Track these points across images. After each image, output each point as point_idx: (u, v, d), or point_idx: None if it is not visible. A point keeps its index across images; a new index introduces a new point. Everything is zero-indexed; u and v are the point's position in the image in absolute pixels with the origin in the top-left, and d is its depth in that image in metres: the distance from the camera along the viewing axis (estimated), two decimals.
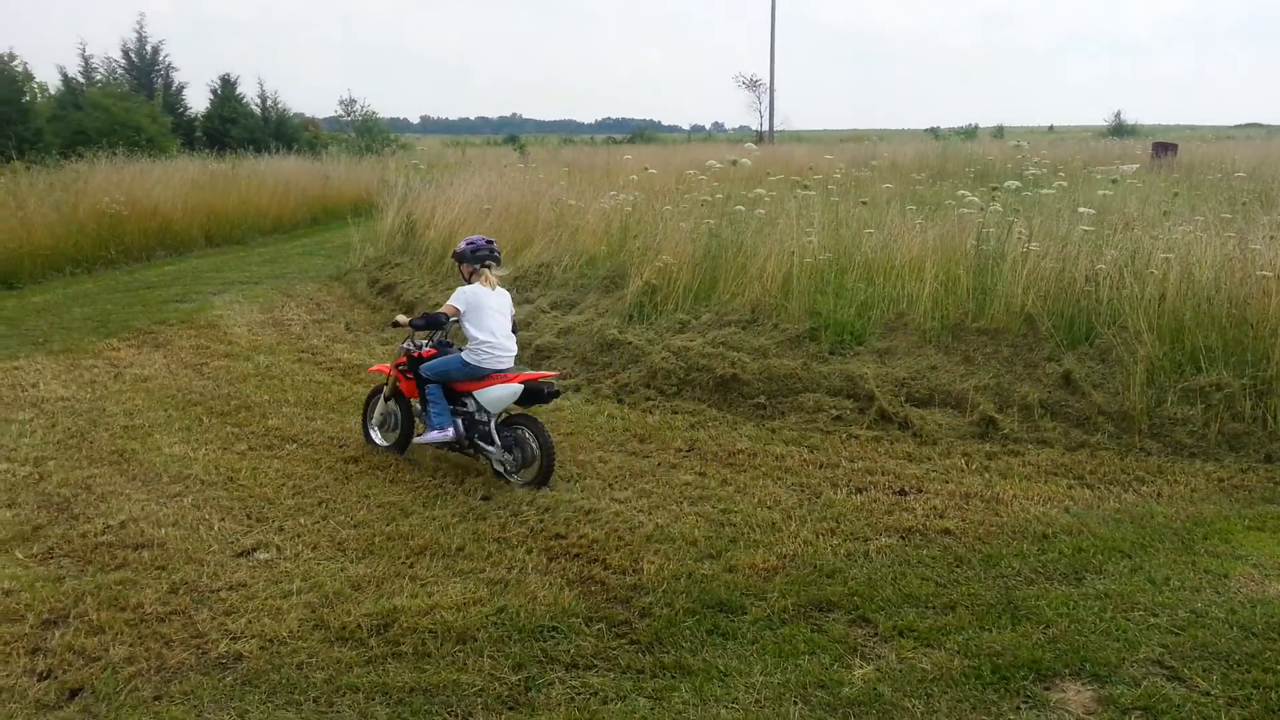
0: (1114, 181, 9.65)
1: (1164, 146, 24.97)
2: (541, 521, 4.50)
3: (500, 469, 5.08)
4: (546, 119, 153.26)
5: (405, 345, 5.54)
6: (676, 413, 6.17)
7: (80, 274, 12.48)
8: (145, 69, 37.36)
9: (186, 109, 35.69)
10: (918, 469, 5.17)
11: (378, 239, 13.09)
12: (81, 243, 12.66)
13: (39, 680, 3.24)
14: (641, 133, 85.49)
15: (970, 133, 65.68)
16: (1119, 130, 61.79)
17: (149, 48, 37.76)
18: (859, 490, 4.86)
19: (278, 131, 34.07)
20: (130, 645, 3.43)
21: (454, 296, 5.30)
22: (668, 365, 6.49)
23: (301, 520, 4.56)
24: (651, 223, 8.72)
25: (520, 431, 5.06)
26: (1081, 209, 7.23)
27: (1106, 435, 5.41)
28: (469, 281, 5.39)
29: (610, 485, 4.98)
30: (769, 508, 4.63)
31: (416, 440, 5.46)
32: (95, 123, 26.92)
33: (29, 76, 27.68)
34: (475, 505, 4.74)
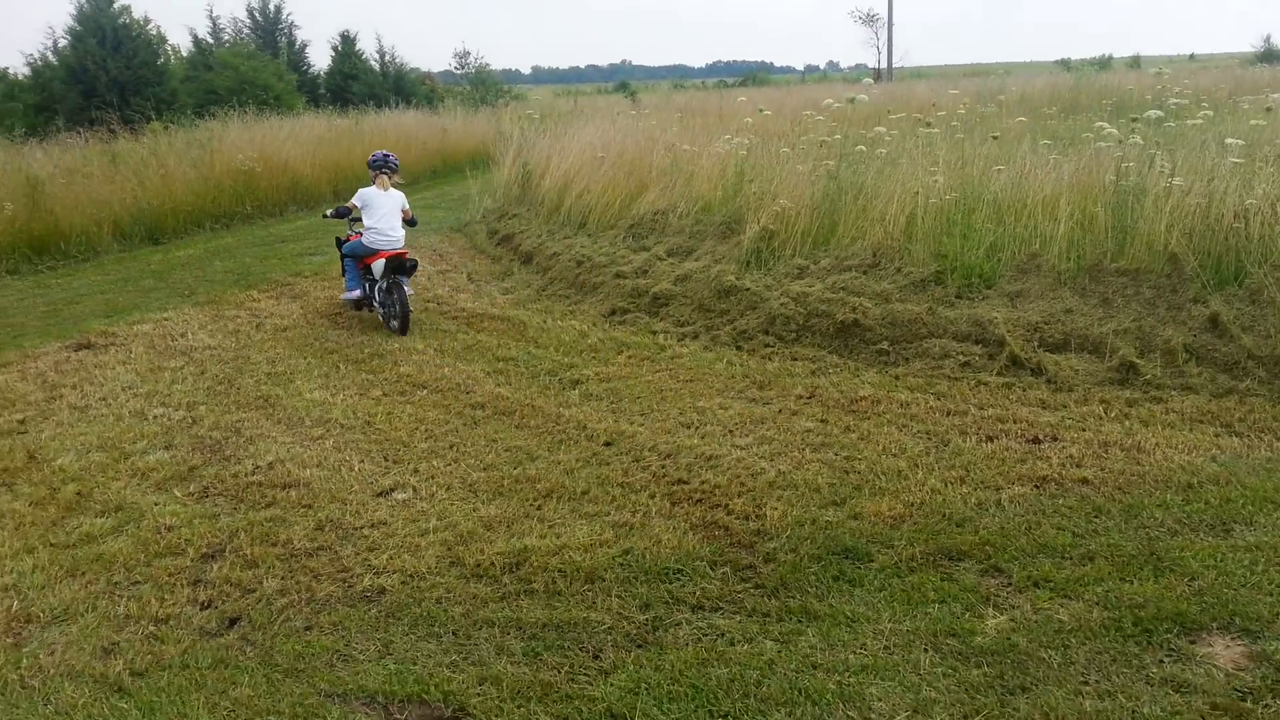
0: (1268, 110, 8.98)
1: None
2: (664, 467, 4.55)
3: (383, 319, 7.41)
4: (656, 65, 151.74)
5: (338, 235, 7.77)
6: (796, 359, 6.10)
7: (219, 229, 13.12)
8: (269, 28, 38.57)
9: (309, 66, 36.74)
10: (1052, 416, 4.99)
11: (495, 190, 13.29)
12: (219, 199, 13.27)
13: (201, 609, 3.48)
14: (754, 75, 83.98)
15: (1104, 63, 62.02)
16: (1269, 56, 57.23)
17: (272, 6, 38.99)
18: (989, 438, 4.73)
19: (396, 86, 34.78)
20: (282, 578, 3.65)
21: (355, 195, 7.56)
22: (786, 311, 6.41)
23: (434, 463, 4.73)
24: (767, 167, 8.58)
25: (393, 294, 7.20)
26: (1229, 140, 6.76)
27: (1256, 381, 5.11)
28: (372, 184, 7.53)
29: (731, 432, 4.98)
30: (894, 455, 4.56)
31: (341, 298, 7.92)
32: (225, 82, 27.98)
33: (162, 39, 28.97)
34: (598, 451, 4.82)
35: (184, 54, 32.86)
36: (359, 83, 34.32)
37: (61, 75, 24.33)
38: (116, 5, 26.20)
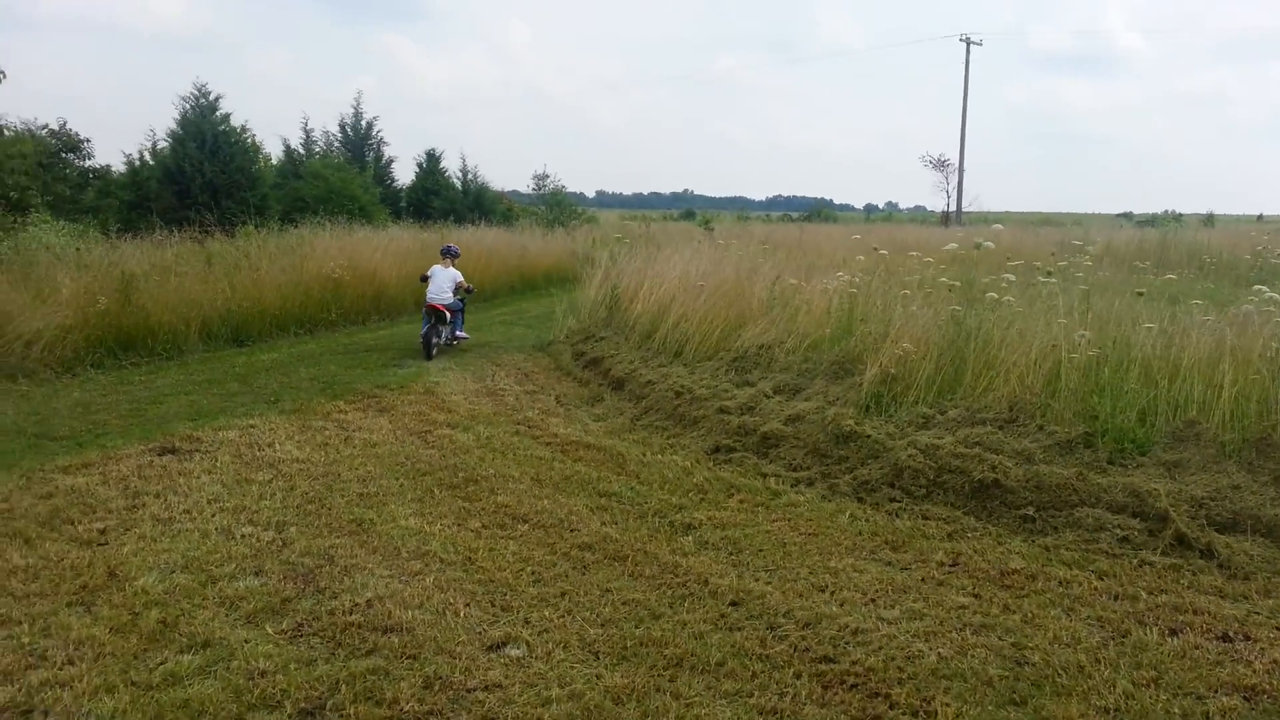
0: None
1: None
2: (804, 639, 4.06)
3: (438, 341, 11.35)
4: (717, 195, 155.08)
5: None
6: (928, 519, 5.60)
7: (303, 335, 13.09)
8: (359, 142, 40.13)
9: (393, 180, 37.99)
10: (1236, 609, 4.41)
11: (579, 310, 13.14)
12: (306, 305, 13.29)
13: None
14: (818, 210, 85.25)
15: (1176, 219, 61.75)
16: None
17: (364, 123, 40.63)
18: (1173, 632, 4.17)
19: (476, 203, 35.66)
20: None
21: (429, 268, 11.99)
22: (915, 464, 5.95)
23: (546, 613, 4.28)
24: (880, 306, 8.25)
25: (432, 332, 11.30)
26: None
27: None
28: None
29: (873, 601, 4.48)
30: (1068, 646, 4.01)
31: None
32: (314, 191, 28.90)
33: (257, 147, 30.17)
34: (725, 612, 4.34)
35: (274, 161, 34.23)
36: (440, 198, 35.28)
37: (158, 175, 25.26)
38: (219, 113, 27.43)
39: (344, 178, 30.37)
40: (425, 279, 11.86)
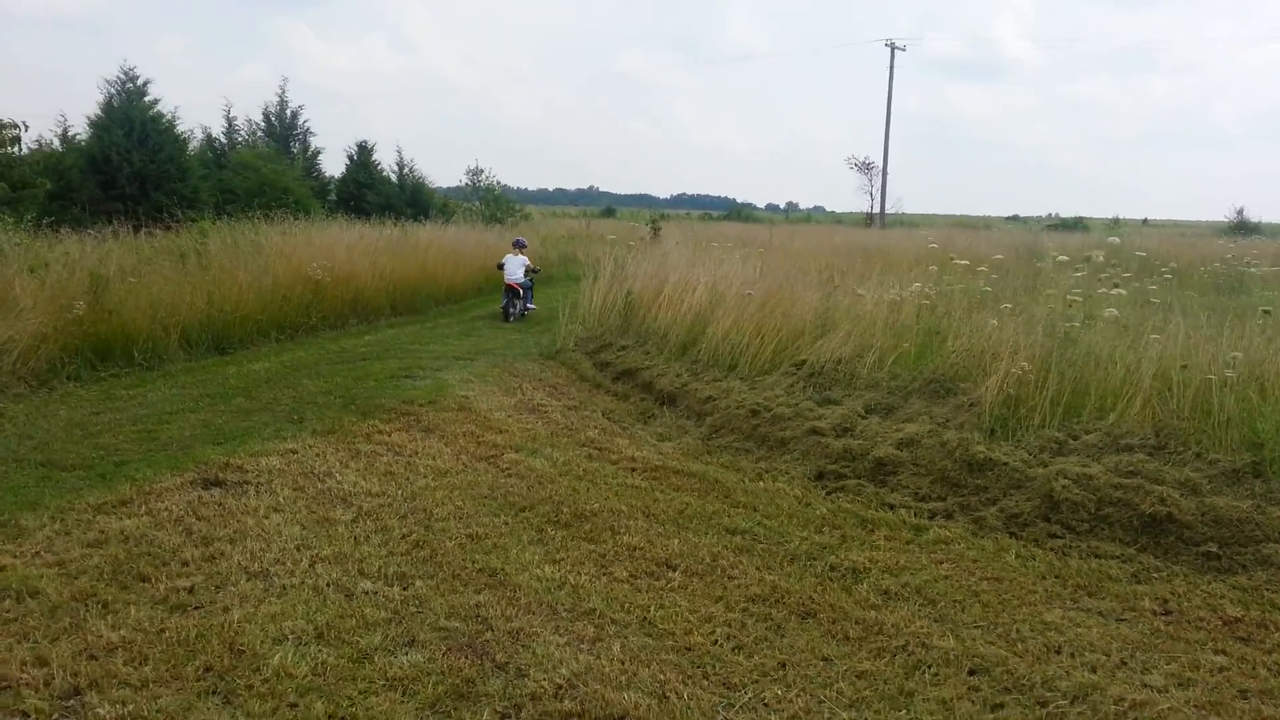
0: None
1: None
2: (1084, 716, 3.58)
3: (503, 313, 14.82)
4: (622, 192, 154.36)
5: None
6: (1099, 556, 5.20)
7: (284, 340, 12.11)
8: (284, 133, 38.40)
9: (320, 172, 36.40)
10: None
11: (583, 317, 12.50)
12: (286, 308, 12.31)
13: None
14: (738, 210, 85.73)
15: (1115, 224, 63.49)
16: (1241, 227, 59.33)
17: (289, 112, 38.90)
18: None
19: (413, 199, 34.41)
20: None
21: (503, 257, 15.58)
22: (1071, 496, 5.55)
23: (777, 691, 3.71)
24: (958, 318, 7.88)
25: (511, 304, 14.90)
26: None
27: None
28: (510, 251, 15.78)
29: (1123, 663, 4.02)
30: None
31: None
32: (245, 183, 27.41)
33: (188, 136, 28.42)
34: (973, 684, 3.84)
35: (192, 150, 32.36)
36: (374, 192, 33.87)
37: (80, 165, 23.46)
38: (146, 99, 25.69)
39: (276, 170, 28.94)
40: (501, 266, 15.55)
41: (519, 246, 15.99)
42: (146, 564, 4.78)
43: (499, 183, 42.23)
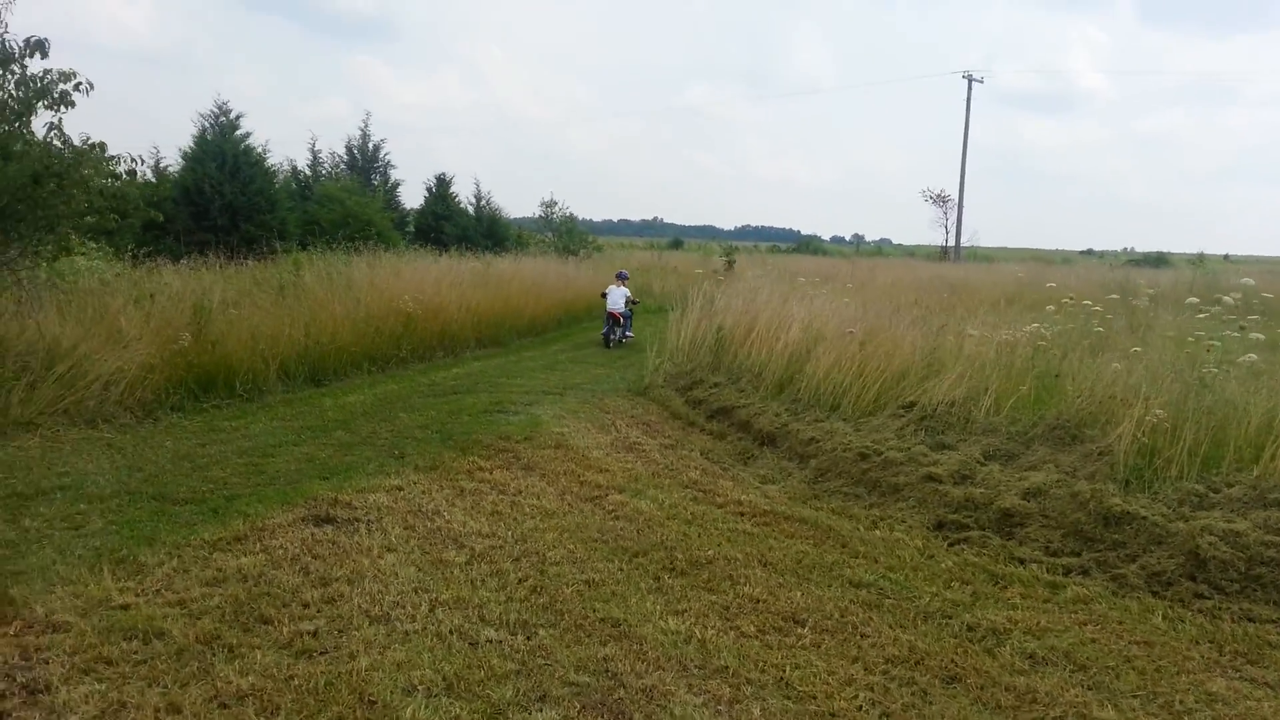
0: None
1: None
2: None
3: (604, 340, 15.82)
4: (686, 223, 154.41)
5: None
6: (1253, 620, 4.87)
7: (375, 373, 12.21)
8: (366, 166, 39.30)
9: (400, 204, 37.12)
10: None
11: (671, 352, 12.39)
12: (378, 341, 12.42)
13: None
14: (806, 244, 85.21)
15: (1199, 260, 61.72)
16: None
17: (370, 145, 39.83)
18: None
19: (490, 230, 34.81)
20: None
21: (607, 288, 16.62)
22: (1219, 554, 5.21)
23: None
24: (1077, 361, 7.57)
25: (612, 332, 15.86)
26: None
27: None
28: (614, 281, 16.89)
29: None
30: None
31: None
32: (330, 215, 28.01)
33: (277, 169, 29.19)
34: None
35: (277, 182, 33.21)
36: (452, 224, 34.32)
37: (174, 195, 24.18)
38: (238, 133, 26.46)
39: (360, 202, 29.50)
40: (604, 295, 16.53)
41: (621, 279, 17.00)
42: (267, 605, 4.74)
43: (571, 214, 42.50)
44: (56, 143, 9.23)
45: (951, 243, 58.74)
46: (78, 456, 7.55)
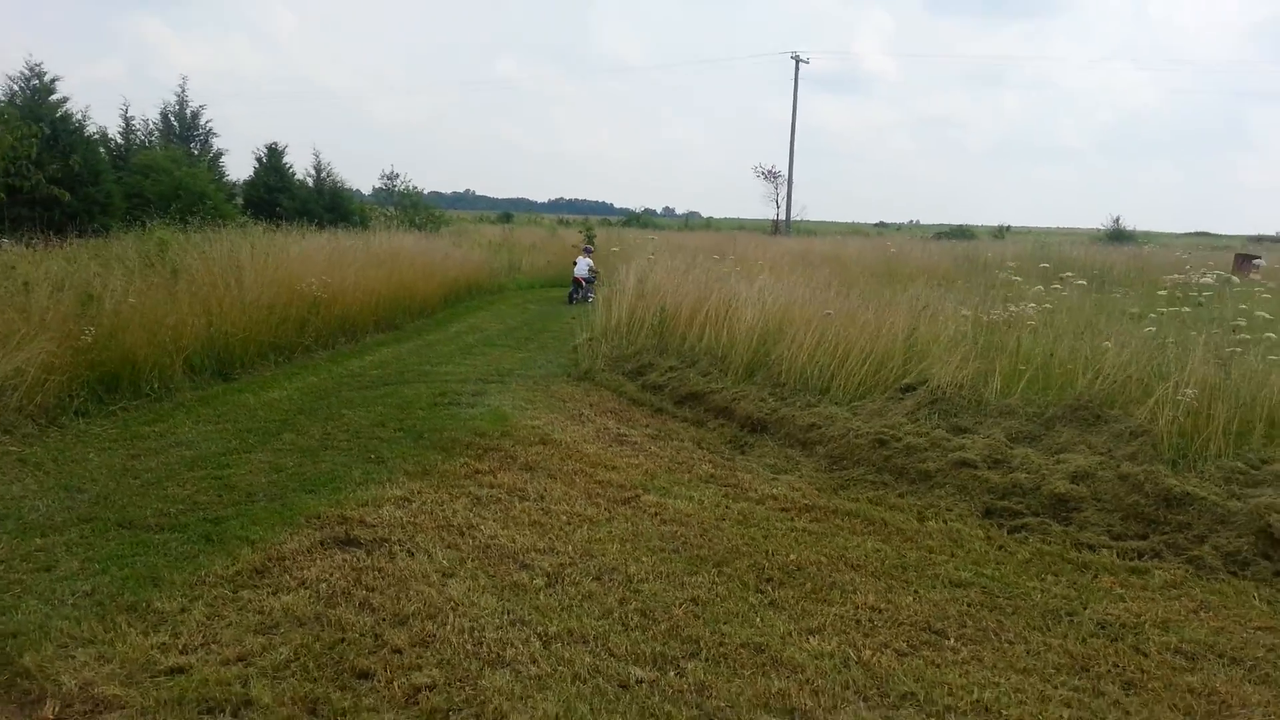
0: None
1: (1245, 258, 24.49)
2: None
3: (569, 299, 19.67)
4: (499, 196, 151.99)
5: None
6: None
7: (282, 363, 11.09)
8: (185, 133, 36.24)
9: (224, 175, 34.37)
10: None
11: (606, 333, 11.91)
12: (283, 329, 11.26)
13: None
14: (637, 217, 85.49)
15: (959, 231, 66.13)
16: (1117, 235, 62.44)
17: (189, 112, 36.73)
18: None
19: (331, 203, 32.76)
20: None
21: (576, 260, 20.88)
22: None
23: None
24: (1071, 340, 7.68)
25: (574, 296, 19.70)
26: None
27: None
28: (581, 253, 21.45)
29: None
30: None
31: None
32: (157, 187, 25.58)
33: (103, 136, 26.32)
34: None
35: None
36: (288, 196, 32.06)
37: None
38: (54, 97, 23.64)
39: (190, 172, 27.09)
40: (575, 263, 20.50)
41: (587, 252, 21.23)
42: (353, 654, 4.03)
43: (416, 187, 40.68)
44: None
45: (783, 216, 60.48)
46: None
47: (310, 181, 33.79)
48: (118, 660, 3.94)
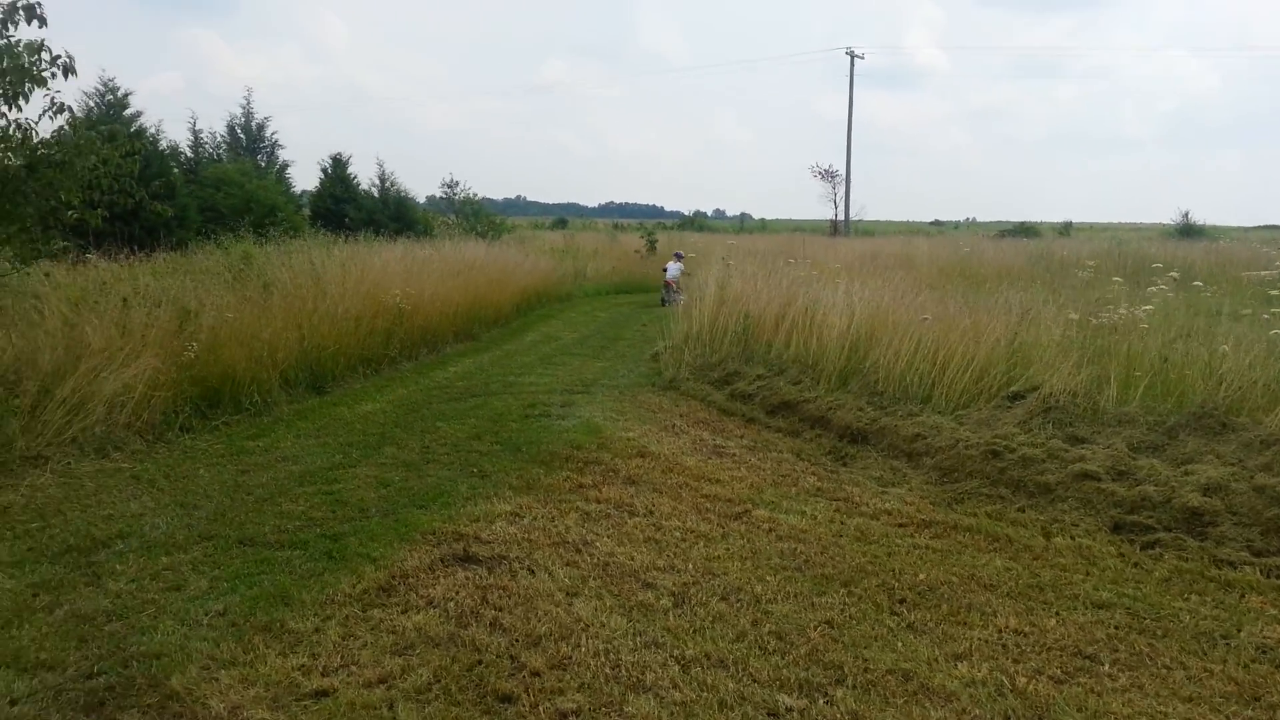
0: None
1: None
2: None
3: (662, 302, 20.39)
4: (549, 201, 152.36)
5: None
6: None
7: (371, 375, 11.18)
8: (251, 146, 36.96)
9: (290, 187, 34.94)
10: None
11: (687, 341, 11.81)
12: (370, 341, 11.36)
13: None
14: (691, 220, 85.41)
15: (1026, 229, 64.67)
16: (1188, 230, 60.78)
17: (254, 124, 37.45)
18: None
19: (397, 213, 33.12)
20: None
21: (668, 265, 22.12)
22: None
23: None
24: (1184, 346, 7.40)
25: (666, 298, 20.18)
26: None
27: None
28: (673, 258, 22.60)
29: None
30: None
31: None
32: (229, 200, 26.04)
33: (175, 152, 26.95)
34: None
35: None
36: (354, 207, 32.51)
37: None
38: (127, 112, 24.27)
39: (260, 184, 27.58)
40: (665, 269, 21.77)
41: (678, 257, 22.45)
42: (493, 677, 3.99)
43: (475, 194, 41.02)
44: (65, 126, 8.04)
45: (841, 217, 59.85)
46: (110, 495, 6.47)
47: (375, 191, 34.19)
48: (261, 683, 3.94)
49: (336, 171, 34.50)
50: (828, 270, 14.76)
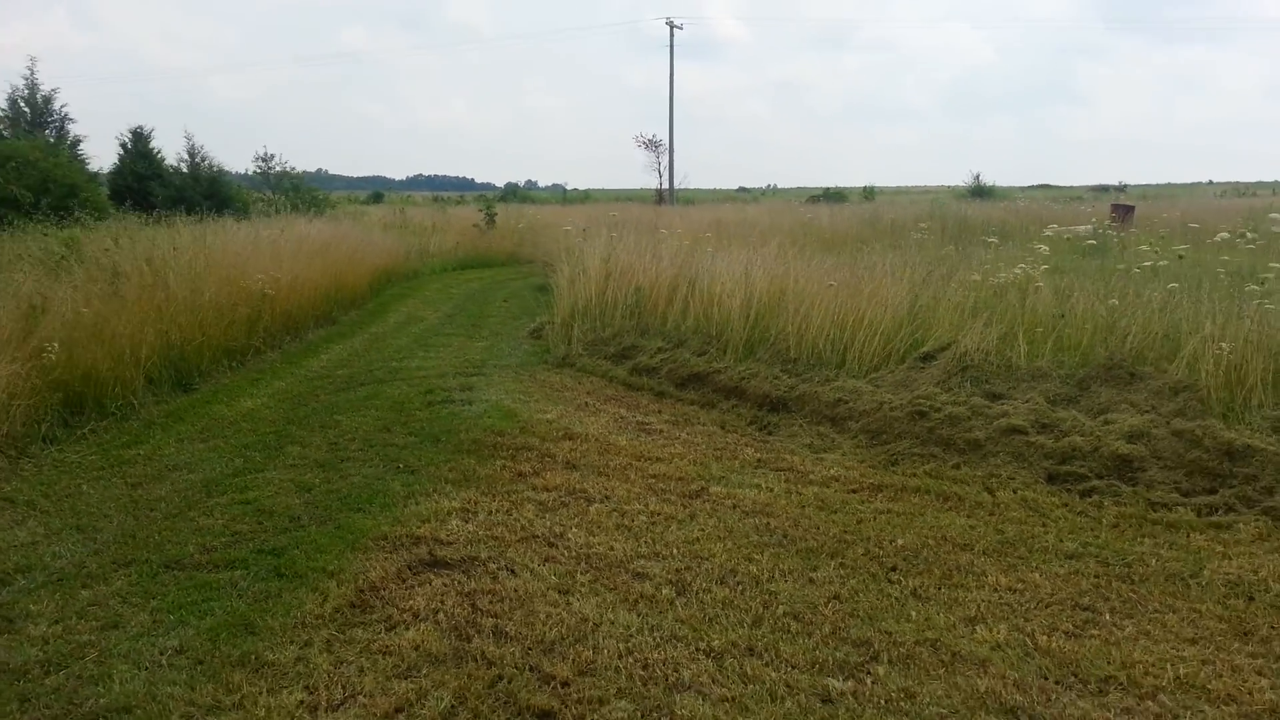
0: None
1: (1122, 208, 25.90)
2: None
3: None
4: (354, 175, 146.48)
5: None
6: None
7: (236, 367, 10.32)
8: (36, 120, 33.61)
9: (85, 163, 31.95)
10: None
11: (577, 317, 11.54)
12: (232, 331, 10.47)
13: None
14: (514, 191, 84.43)
15: (836, 194, 67.50)
16: (979, 191, 65.11)
17: (39, 97, 34.06)
18: None
19: (210, 191, 30.83)
20: None
21: None
22: None
23: None
24: (1078, 301, 7.82)
25: None
26: None
27: None
28: None
29: None
30: None
31: None
32: (25, 181, 23.50)
33: None
34: None
35: None
36: (162, 184, 30.09)
37: None
38: None
39: (57, 164, 25.05)
40: None
41: None
42: (521, 691, 3.71)
43: (293, 168, 38.80)
44: None
45: (666, 185, 60.52)
46: None
47: (184, 167, 31.74)
48: None
49: (138, 146, 31.84)
50: (697, 240, 14.77)
